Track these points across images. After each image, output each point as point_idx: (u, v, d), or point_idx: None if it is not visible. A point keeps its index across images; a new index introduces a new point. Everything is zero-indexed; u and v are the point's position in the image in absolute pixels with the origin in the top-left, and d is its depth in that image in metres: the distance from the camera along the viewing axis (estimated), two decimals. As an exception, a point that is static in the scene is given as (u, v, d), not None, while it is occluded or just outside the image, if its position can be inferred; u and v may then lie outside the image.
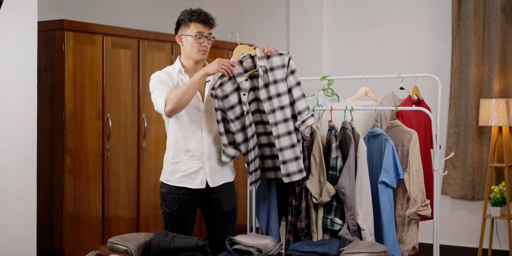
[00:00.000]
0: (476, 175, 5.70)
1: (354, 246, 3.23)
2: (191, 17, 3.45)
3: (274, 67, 3.45)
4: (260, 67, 3.45)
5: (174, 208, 3.45)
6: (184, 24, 3.46)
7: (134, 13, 6.14)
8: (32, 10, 4.38)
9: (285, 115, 3.44)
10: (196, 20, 3.44)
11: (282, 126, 3.44)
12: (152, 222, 5.51)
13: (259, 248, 3.16)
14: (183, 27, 3.47)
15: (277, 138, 3.45)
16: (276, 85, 3.44)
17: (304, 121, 3.46)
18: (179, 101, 3.26)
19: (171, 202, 3.46)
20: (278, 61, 3.45)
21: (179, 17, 3.50)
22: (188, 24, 3.45)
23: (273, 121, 3.45)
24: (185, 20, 3.45)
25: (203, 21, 3.45)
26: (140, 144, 5.39)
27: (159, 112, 3.35)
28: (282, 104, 3.43)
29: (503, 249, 5.58)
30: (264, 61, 3.45)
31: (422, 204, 3.61)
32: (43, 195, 4.89)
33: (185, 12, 3.50)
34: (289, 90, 3.45)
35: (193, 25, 3.44)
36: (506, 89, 5.57)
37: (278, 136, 3.45)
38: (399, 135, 3.72)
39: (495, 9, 5.59)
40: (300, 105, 3.46)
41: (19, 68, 4.34)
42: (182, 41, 3.47)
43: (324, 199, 3.57)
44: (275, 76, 3.44)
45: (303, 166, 3.50)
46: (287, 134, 3.45)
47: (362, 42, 6.33)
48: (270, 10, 6.80)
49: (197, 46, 3.45)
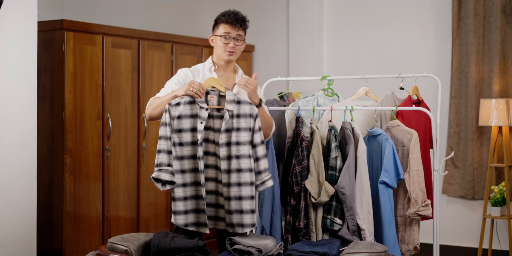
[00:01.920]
0: (476, 175, 5.70)
1: (354, 246, 3.24)
2: (221, 17, 3.52)
3: (241, 115, 3.34)
4: (227, 111, 3.32)
5: None
6: (215, 24, 3.53)
7: (134, 13, 6.14)
8: (32, 10, 4.38)
9: (239, 165, 3.30)
10: (224, 21, 3.48)
11: (234, 175, 3.31)
12: (152, 222, 5.50)
13: (259, 248, 3.16)
14: (215, 27, 3.54)
15: (226, 186, 3.31)
16: (238, 133, 3.32)
17: (264, 182, 3.36)
18: (153, 111, 3.40)
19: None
20: (246, 109, 3.34)
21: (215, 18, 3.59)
22: (218, 25, 3.51)
23: (226, 168, 3.31)
24: (217, 21, 3.52)
25: (230, 22, 3.47)
26: (140, 144, 5.39)
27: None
28: (239, 154, 3.30)
29: (503, 249, 5.58)
30: (233, 105, 3.33)
31: (422, 204, 3.61)
32: (43, 195, 4.89)
33: (220, 13, 3.56)
34: (253, 146, 3.34)
35: (222, 25, 3.50)
36: (506, 89, 5.57)
37: (228, 184, 3.31)
38: (399, 135, 3.72)
39: (495, 9, 5.59)
40: (262, 165, 3.35)
41: (19, 68, 4.34)
42: (214, 41, 3.54)
43: (322, 199, 3.57)
44: (240, 123, 3.33)
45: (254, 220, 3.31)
46: (237, 185, 3.30)
47: (362, 42, 6.33)
48: (270, 10, 6.80)
49: (224, 47, 3.48)
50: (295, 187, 3.66)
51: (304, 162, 3.64)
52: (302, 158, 3.64)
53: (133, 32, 5.39)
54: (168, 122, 3.29)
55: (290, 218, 3.71)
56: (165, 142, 3.29)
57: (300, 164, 3.65)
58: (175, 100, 3.32)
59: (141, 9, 6.23)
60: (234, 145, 3.31)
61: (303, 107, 3.90)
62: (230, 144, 3.32)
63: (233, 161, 3.30)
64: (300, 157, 3.65)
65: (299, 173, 3.65)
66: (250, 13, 6.97)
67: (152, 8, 6.33)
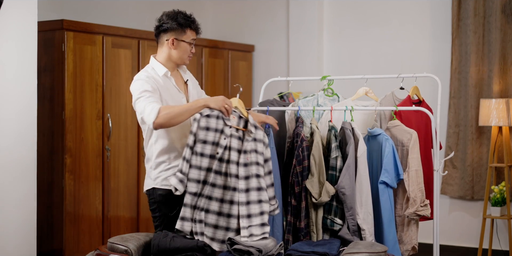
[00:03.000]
0: (475, 175, 5.70)
1: (354, 246, 3.24)
2: (187, 23, 3.47)
3: (257, 139, 3.42)
4: (251, 133, 3.41)
5: (176, 209, 3.43)
6: (179, 28, 3.46)
7: (134, 13, 6.14)
8: (32, 10, 4.38)
9: (259, 184, 3.35)
10: (192, 28, 3.50)
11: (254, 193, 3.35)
12: (152, 222, 5.49)
13: (259, 248, 3.16)
14: (178, 31, 3.46)
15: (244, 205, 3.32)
16: (256, 155, 3.39)
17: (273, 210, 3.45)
18: (171, 119, 3.22)
19: (171, 203, 3.44)
20: (261, 135, 3.43)
21: (170, 18, 3.47)
22: (185, 30, 3.47)
23: (243, 187, 3.33)
24: (182, 25, 3.46)
25: (196, 29, 3.52)
26: (140, 144, 5.39)
27: (144, 121, 3.26)
28: (259, 173, 3.36)
29: (503, 249, 5.58)
30: (253, 129, 3.42)
31: (421, 204, 3.61)
32: (43, 195, 4.89)
33: (179, 15, 3.48)
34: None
35: (190, 32, 3.49)
36: (506, 89, 5.58)
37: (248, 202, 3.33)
38: (399, 135, 3.72)
39: (495, 9, 5.59)
40: (271, 193, 3.43)
41: (19, 68, 4.34)
42: (175, 44, 3.47)
43: (323, 199, 3.57)
44: (257, 147, 3.41)
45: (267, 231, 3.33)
46: (258, 202, 3.34)
47: (362, 42, 6.33)
48: (270, 10, 6.80)
49: (188, 52, 3.51)
50: (295, 187, 3.66)
51: (304, 162, 3.64)
52: (302, 158, 3.64)
53: (133, 32, 5.40)
54: (195, 131, 3.31)
55: (291, 218, 3.71)
56: (188, 151, 3.32)
57: (300, 164, 3.65)
58: (205, 111, 3.34)
59: (141, 9, 6.24)
60: (254, 165, 3.38)
61: (303, 107, 3.90)
62: (248, 165, 3.37)
63: (252, 180, 3.36)
64: (301, 157, 3.65)
65: (300, 173, 3.65)
66: (250, 13, 7.02)
67: (152, 8, 6.33)
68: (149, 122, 3.21)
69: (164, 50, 3.51)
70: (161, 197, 3.45)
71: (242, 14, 6.94)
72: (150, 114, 3.20)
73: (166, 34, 3.48)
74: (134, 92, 3.35)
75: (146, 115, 3.22)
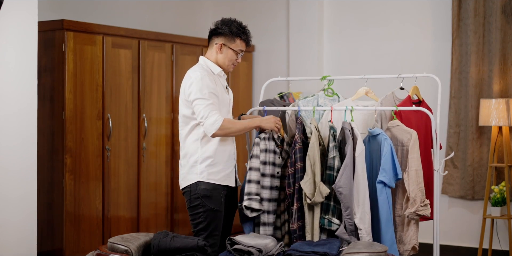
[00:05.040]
0: (476, 175, 5.70)
1: (354, 246, 3.24)
2: (240, 33, 3.59)
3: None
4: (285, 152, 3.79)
5: (220, 204, 3.55)
6: (230, 36, 3.58)
7: (134, 13, 6.14)
8: (32, 10, 4.38)
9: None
10: (244, 39, 3.62)
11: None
12: (152, 222, 5.51)
13: (259, 248, 3.16)
14: (228, 38, 3.59)
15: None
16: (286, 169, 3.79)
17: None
18: (228, 134, 3.50)
19: (216, 198, 3.54)
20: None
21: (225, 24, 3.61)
22: (235, 39, 3.59)
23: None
24: (233, 33, 3.57)
25: (247, 42, 3.65)
26: (140, 144, 5.39)
27: (206, 127, 3.44)
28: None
29: (503, 249, 5.58)
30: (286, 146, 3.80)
31: (421, 204, 3.61)
32: (43, 195, 4.89)
33: (233, 23, 3.61)
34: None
35: (240, 42, 3.61)
36: (506, 89, 5.57)
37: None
38: (399, 135, 3.72)
39: (495, 9, 5.59)
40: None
41: (19, 68, 4.34)
42: (222, 50, 3.60)
43: (317, 200, 3.58)
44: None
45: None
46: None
47: (362, 42, 6.33)
48: (270, 10, 6.80)
49: (233, 61, 3.63)
50: (287, 189, 3.68)
51: (297, 164, 3.65)
52: (295, 160, 3.65)
53: (133, 32, 5.39)
54: (257, 154, 3.63)
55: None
56: (255, 173, 3.61)
57: (293, 166, 3.66)
58: (262, 134, 3.67)
59: (141, 9, 6.24)
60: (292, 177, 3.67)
61: (303, 107, 3.90)
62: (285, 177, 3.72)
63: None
64: (293, 159, 3.66)
65: (292, 175, 3.67)
66: (250, 13, 7.01)
67: (152, 8, 6.33)
68: (209, 132, 3.44)
69: (213, 53, 3.65)
70: (205, 191, 3.53)
71: (242, 14, 6.93)
72: (213, 125, 3.42)
73: (217, 38, 3.62)
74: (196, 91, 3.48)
75: (208, 124, 3.42)
